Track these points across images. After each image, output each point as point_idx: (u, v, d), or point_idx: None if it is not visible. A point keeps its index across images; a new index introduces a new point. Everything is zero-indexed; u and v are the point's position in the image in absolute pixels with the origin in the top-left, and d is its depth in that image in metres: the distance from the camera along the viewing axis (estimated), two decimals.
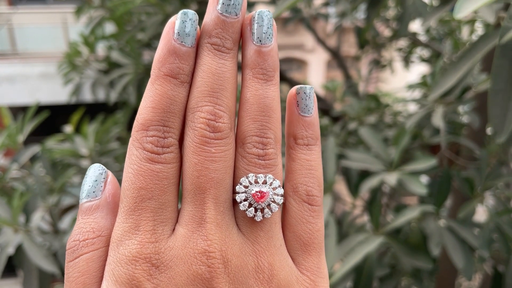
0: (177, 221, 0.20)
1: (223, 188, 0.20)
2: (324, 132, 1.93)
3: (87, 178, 0.22)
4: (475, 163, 0.99)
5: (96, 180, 0.22)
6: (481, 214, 0.98)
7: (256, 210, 0.21)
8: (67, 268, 0.19)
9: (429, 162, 0.77)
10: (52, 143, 1.20)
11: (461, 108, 1.03)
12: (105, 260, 0.20)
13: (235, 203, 0.21)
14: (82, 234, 0.20)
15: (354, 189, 0.94)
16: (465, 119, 1.10)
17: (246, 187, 0.21)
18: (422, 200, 0.89)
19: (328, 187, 0.83)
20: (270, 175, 0.21)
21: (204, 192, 0.20)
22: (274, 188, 0.21)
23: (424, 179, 1.21)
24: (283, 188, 0.22)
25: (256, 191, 0.21)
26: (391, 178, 0.76)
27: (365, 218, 1.24)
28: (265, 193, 0.21)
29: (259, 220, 0.21)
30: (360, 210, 1.20)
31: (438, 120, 0.80)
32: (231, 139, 0.21)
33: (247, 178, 0.21)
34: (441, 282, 1.17)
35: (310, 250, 0.22)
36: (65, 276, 0.20)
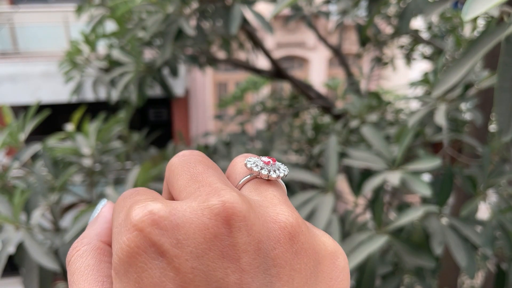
0: None
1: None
2: (325, 130, 1.92)
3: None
4: (478, 160, 0.98)
5: (96, 209, 0.23)
6: (484, 211, 0.98)
7: (269, 170, 0.21)
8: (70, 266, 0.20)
9: (433, 162, 0.76)
10: (53, 141, 1.20)
11: (464, 105, 1.03)
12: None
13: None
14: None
15: (356, 188, 0.94)
16: (467, 116, 1.09)
17: (254, 161, 0.22)
18: (424, 198, 0.88)
19: (330, 186, 0.83)
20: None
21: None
22: (279, 162, 0.23)
23: (426, 176, 1.21)
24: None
25: (264, 160, 0.22)
26: (394, 178, 0.76)
27: (367, 216, 1.24)
28: (272, 160, 0.22)
29: (274, 176, 0.21)
30: (362, 208, 1.20)
31: (440, 117, 0.80)
32: None
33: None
34: (444, 279, 1.16)
35: None
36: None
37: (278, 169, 0.22)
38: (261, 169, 0.21)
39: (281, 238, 0.18)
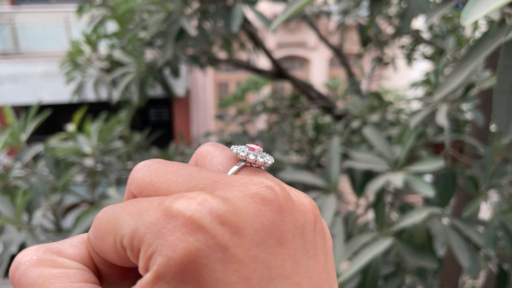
0: None
1: None
2: (326, 130, 1.92)
3: None
4: (480, 161, 0.98)
5: None
6: (485, 212, 0.98)
7: (256, 155, 0.21)
8: None
9: (436, 164, 0.76)
10: (55, 141, 1.20)
11: (465, 106, 1.03)
12: None
13: None
14: None
15: (358, 189, 0.94)
16: (469, 116, 1.09)
17: (240, 148, 0.21)
18: (426, 199, 0.88)
19: (332, 187, 0.83)
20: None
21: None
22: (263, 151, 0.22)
23: (428, 177, 1.21)
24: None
25: (252, 146, 0.21)
26: (397, 179, 0.76)
27: (368, 217, 1.24)
28: (260, 148, 0.22)
29: (262, 161, 0.21)
30: (363, 209, 1.19)
31: (442, 118, 0.80)
32: None
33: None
34: (445, 280, 1.16)
35: None
36: None
37: (265, 157, 0.22)
38: (247, 154, 0.21)
39: (312, 221, 0.18)
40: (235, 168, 0.21)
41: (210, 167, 0.21)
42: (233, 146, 0.21)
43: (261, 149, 0.22)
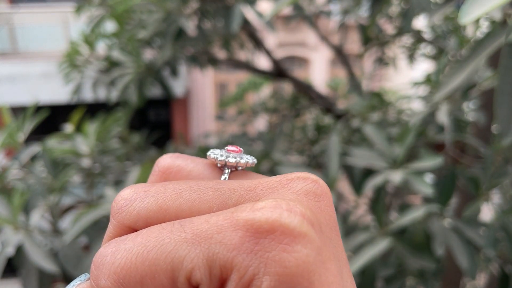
0: None
1: None
2: (327, 130, 1.92)
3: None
4: (481, 161, 0.97)
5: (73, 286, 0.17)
6: (486, 213, 0.97)
7: (235, 157, 0.20)
8: None
9: (434, 160, 0.75)
10: (53, 142, 1.19)
11: (466, 106, 1.02)
12: None
13: None
14: None
15: (357, 187, 0.93)
16: (470, 116, 1.08)
17: (219, 152, 0.20)
18: (426, 199, 0.87)
19: (330, 185, 0.82)
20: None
21: None
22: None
23: (429, 177, 1.20)
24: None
25: (230, 149, 0.20)
26: (396, 176, 0.75)
27: (369, 218, 1.23)
28: (239, 149, 0.20)
29: (243, 161, 0.19)
30: (363, 209, 1.19)
31: (443, 116, 0.79)
32: None
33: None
34: (447, 281, 1.16)
35: None
36: None
37: (245, 157, 0.20)
38: (226, 158, 0.19)
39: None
40: (226, 173, 0.19)
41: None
42: (210, 151, 0.20)
43: (242, 149, 0.21)
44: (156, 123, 5.13)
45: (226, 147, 0.21)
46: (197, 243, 0.14)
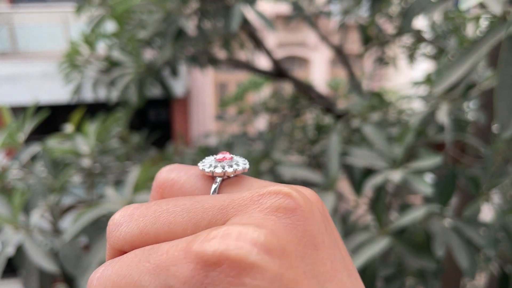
0: None
1: None
2: (327, 130, 1.91)
3: None
4: (481, 161, 0.97)
5: None
6: (486, 213, 0.97)
7: (223, 166, 0.20)
8: None
9: (433, 160, 0.75)
10: (53, 142, 1.19)
11: (467, 106, 1.02)
12: None
13: None
14: None
15: (357, 187, 0.93)
16: (470, 116, 1.08)
17: (208, 162, 0.20)
18: (426, 199, 0.87)
19: (331, 184, 0.82)
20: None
21: None
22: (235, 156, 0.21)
23: (429, 177, 1.20)
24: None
25: (219, 158, 0.20)
26: (395, 176, 0.75)
27: (369, 218, 1.23)
28: (230, 156, 0.20)
29: (230, 170, 0.19)
30: (363, 209, 1.19)
31: (443, 116, 0.79)
32: None
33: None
34: (447, 281, 1.16)
35: None
36: None
37: (237, 164, 0.20)
38: (223, 168, 0.19)
39: (324, 211, 0.17)
40: (216, 185, 0.19)
41: (185, 196, 0.19)
42: (199, 163, 0.20)
43: (232, 156, 0.21)
44: (156, 123, 5.13)
45: (214, 156, 0.21)
46: (157, 274, 0.14)
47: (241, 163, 0.20)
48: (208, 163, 0.20)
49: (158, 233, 0.16)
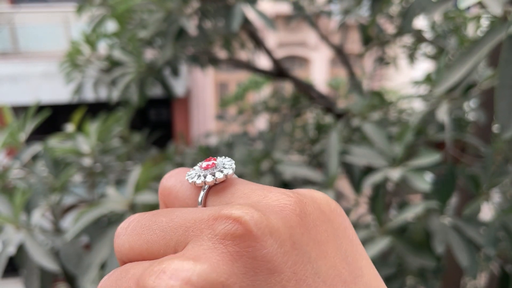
0: None
1: None
2: (327, 130, 1.92)
3: None
4: (481, 160, 0.98)
5: None
6: (486, 212, 0.97)
7: (205, 176, 0.19)
8: None
9: (433, 157, 0.76)
10: (54, 141, 1.20)
11: (467, 105, 1.02)
12: None
13: None
14: None
15: (357, 186, 0.93)
16: (470, 116, 1.08)
17: (194, 171, 0.20)
18: (426, 198, 0.88)
19: (330, 182, 0.82)
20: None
21: None
22: (222, 160, 0.21)
23: (429, 176, 1.20)
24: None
25: (204, 166, 0.20)
26: (395, 174, 0.75)
27: (369, 217, 1.23)
28: (214, 163, 0.20)
29: (210, 180, 0.19)
30: (364, 208, 1.19)
31: (443, 115, 0.79)
32: None
33: (192, 169, 0.20)
34: (447, 281, 1.16)
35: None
36: None
37: (223, 168, 0.20)
38: (204, 177, 0.19)
39: (297, 222, 0.16)
40: (202, 195, 0.19)
41: (179, 205, 0.20)
42: (187, 174, 0.20)
43: (215, 162, 0.20)
44: (157, 123, 5.13)
45: (200, 164, 0.20)
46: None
47: (228, 166, 0.20)
48: (194, 174, 0.20)
49: (141, 251, 0.17)
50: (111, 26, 1.54)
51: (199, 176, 0.19)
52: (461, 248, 0.76)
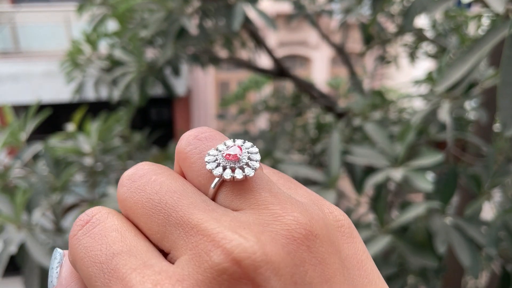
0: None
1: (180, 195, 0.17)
2: (328, 129, 1.91)
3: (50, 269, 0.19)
4: (482, 160, 0.97)
5: (52, 268, 0.19)
6: (488, 211, 0.97)
7: (233, 170, 0.18)
8: None
9: (435, 157, 0.75)
10: (55, 141, 1.20)
11: (468, 105, 1.02)
12: None
13: (214, 197, 0.18)
14: None
15: (359, 186, 0.93)
16: (472, 115, 1.08)
17: (215, 155, 0.18)
18: (428, 198, 0.87)
19: (332, 182, 0.82)
20: (238, 140, 0.19)
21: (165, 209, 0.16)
22: (247, 148, 0.19)
23: (430, 176, 1.20)
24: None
25: (228, 153, 0.18)
26: (397, 174, 0.75)
27: (371, 217, 1.23)
28: (239, 152, 0.18)
29: (240, 177, 0.17)
30: (365, 208, 1.19)
31: (444, 114, 0.79)
32: None
33: (215, 149, 0.18)
34: (448, 280, 1.16)
35: (293, 187, 0.20)
36: None
37: (245, 165, 0.18)
38: (223, 169, 0.18)
39: (303, 244, 0.15)
40: (215, 183, 0.18)
41: (191, 178, 0.18)
42: (207, 157, 0.18)
43: (241, 153, 0.18)
44: (157, 122, 5.13)
45: (222, 149, 0.18)
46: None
47: (252, 164, 0.18)
48: (214, 158, 0.18)
49: (139, 221, 0.17)
50: (112, 25, 1.53)
51: (218, 165, 0.18)
52: (463, 247, 0.76)
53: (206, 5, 1.27)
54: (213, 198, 0.18)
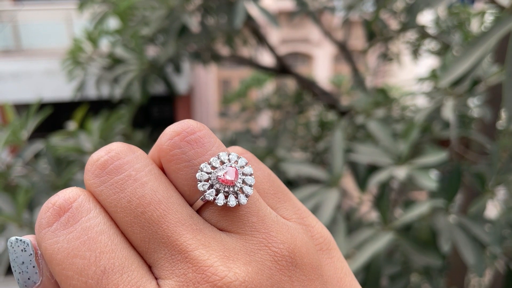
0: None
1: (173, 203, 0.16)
2: (331, 127, 1.91)
3: (13, 263, 0.16)
4: (486, 157, 0.97)
5: (23, 263, 0.16)
6: (492, 209, 0.96)
7: (226, 195, 0.17)
8: None
9: (439, 155, 0.75)
10: (56, 139, 1.20)
11: (472, 102, 1.01)
12: None
13: (199, 209, 0.17)
14: None
15: (362, 184, 0.93)
16: (475, 113, 1.07)
17: (208, 173, 0.17)
18: (431, 196, 0.87)
19: (335, 181, 0.82)
20: (233, 154, 0.18)
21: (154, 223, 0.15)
22: (241, 167, 0.18)
23: (434, 174, 1.20)
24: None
25: (221, 175, 0.17)
26: (400, 172, 0.74)
27: (374, 216, 1.22)
28: (234, 178, 0.17)
29: (234, 204, 0.17)
30: (368, 206, 1.18)
31: (448, 112, 0.78)
32: None
33: (208, 164, 0.17)
34: (451, 278, 1.15)
35: (282, 198, 0.19)
36: None
37: (239, 190, 0.17)
38: (216, 193, 0.17)
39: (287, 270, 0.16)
40: (199, 202, 0.17)
41: (175, 182, 0.17)
42: (198, 174, 0.17)
43: (236, 180, 0.17)
44: (159, 120, 5.13)
45: (217, 167, 0.17)
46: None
47: (246, 189, 0.17)
48: (206, 176, 0.17)
49: (118, 224, 0.16)
50: (113, 23, 1.53)
51: (211, 186, 0.17)
52: (467, 246, 0.75)
53: (208, 2, 1.26)
54: (198, 211, 0.17)
